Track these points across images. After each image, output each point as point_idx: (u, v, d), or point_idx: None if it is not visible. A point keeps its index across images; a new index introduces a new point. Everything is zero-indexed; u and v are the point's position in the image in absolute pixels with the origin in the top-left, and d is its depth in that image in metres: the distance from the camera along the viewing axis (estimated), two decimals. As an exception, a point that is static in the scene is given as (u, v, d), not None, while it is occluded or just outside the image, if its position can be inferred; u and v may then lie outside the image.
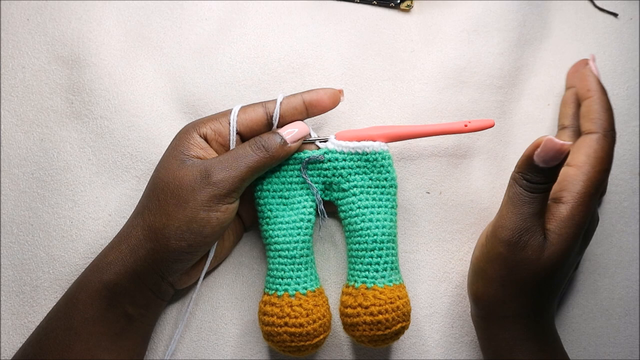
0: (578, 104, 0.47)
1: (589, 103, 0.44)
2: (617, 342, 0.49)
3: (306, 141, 0.45)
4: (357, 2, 0.53)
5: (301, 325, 0.41)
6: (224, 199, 0.40)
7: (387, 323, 0.41)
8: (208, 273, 0.48)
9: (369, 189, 0.44)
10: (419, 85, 0.51)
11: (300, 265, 0.43)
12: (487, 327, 0.43)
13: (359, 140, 0.44)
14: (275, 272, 0.43)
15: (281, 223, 0.44)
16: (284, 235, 0.44)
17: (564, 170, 0.42)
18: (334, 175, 0.45)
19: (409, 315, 0.43)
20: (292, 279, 0.43)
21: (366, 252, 0.43)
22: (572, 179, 0.41)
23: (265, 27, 0.52)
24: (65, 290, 0.44)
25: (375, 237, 0.43)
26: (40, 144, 0.49)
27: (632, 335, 0.49)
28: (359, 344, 0.44)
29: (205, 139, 0.43)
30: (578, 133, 0.46)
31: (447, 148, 0.50)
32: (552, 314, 0.43)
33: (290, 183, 0.45)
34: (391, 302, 0.41)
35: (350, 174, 0.45)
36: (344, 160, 0.45)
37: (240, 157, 0.41)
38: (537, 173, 0.39)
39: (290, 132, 0.43)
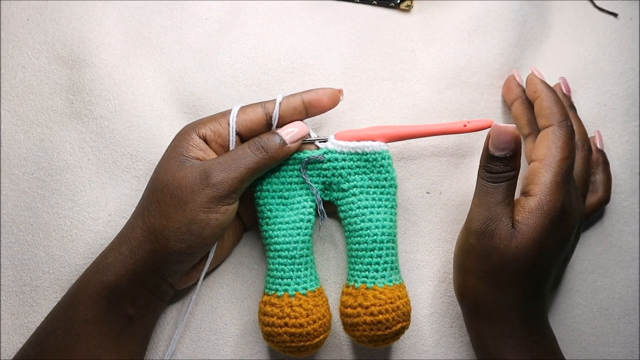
0: (531, 110, 0.48)
1: (539, 102, 0.46)
2: (616, 342, 0.49)
3: (306, 141, 0.45)
4: (357, 2, 0.53)
5: (301, 325, 0.41)
6: (223, 200, 0.40)
7: (387, 323, 0.41)
8: (208, 273, 0.48)
9: (369, 189, 0.44)
10: (419, 85, 0.51)
11: (300, 266, 0.43)
12: (474, 325, 0.43)
13: (358, 140, 0.44)
14: (275, 272, 0.43)
15: (281, 223, 0.44)
16: (284, 236, 0.44)
17: (530, 166, 0.43)
18: (333, 175, 0.45)
19: (409, 315, 0.43)
20: (292, 279, 0.43)
21: (366, 252, 0.43)
22: (537, 172, 0.42)
23: (265, 27, 0.52)
24: (66, 290, 0.44)
25: (375, 237, 0.43)
26: (40, 144, 0.49)
27: (631, 335, 0.49)
28: (359, 344, 0.44)
29: (205, 140, 0.43)
30: None
31: (447, 148, 0.50)
32: (539, 309, 0.42)
33: (290, 183, 0.45)
34: (391, 302, 0.41)
35: (350, 174, 0.45)
36: (344, 160, 0.45)
37: (240, 158, 0.41)
38: (495, 162, 0.41)
39: (290, 133, 0.43)
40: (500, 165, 0.41)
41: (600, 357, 0.48)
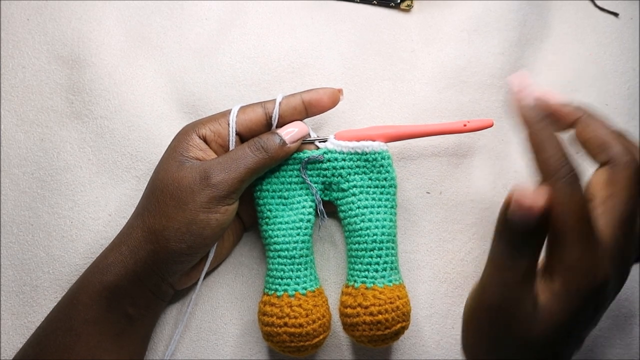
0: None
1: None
2: (623, 344, 0.48)
3: (305, 141, 0.45)
4: (357, 2, 0.53)
5: (301, 325, 0.41)
6: (223, 200, 0.40)
7: (386, 323, 0.41)
8: (208, 273, 0.48)
9: (369, 189, 0.44)
10: (419, 85, 0.51)
11: (299, 266, 0.43)
12: None
13: (358, 140, 0.44)
14: (274, 272, 0.43)
15: (281, 223, 0.44)
16: (284, 236, 0.44)
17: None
18: (333, 175, 0.45)
19: (409, 315, 0.43)
20: (291, 279, 0.43)
21: (366, 252, 0.43)
22: (557, 246, 0.32)
23: (265, 27, 0.52)
24: (65, 290, 0.44)
25: (375, 237, 0.43)
26: (40, 144, 0.49)
27: (638, 336, 0.48)
28: (359, 344, 0.43)
29: (205, 140, 0.43)
30: None
31: (448, 148, 0.50)
32: None
33: (290, 183, 0.45)
34: (391, 302, 0.41)
35: (349, 174, 0.44)
36: (344, 160, 0.44)
37: (240, 158, 0.41)
38: (515, 233, 0.31)
39: (290, 132, 0.43)
40: (523, 237, 0.31)
41: (606, 358, 0.48)
